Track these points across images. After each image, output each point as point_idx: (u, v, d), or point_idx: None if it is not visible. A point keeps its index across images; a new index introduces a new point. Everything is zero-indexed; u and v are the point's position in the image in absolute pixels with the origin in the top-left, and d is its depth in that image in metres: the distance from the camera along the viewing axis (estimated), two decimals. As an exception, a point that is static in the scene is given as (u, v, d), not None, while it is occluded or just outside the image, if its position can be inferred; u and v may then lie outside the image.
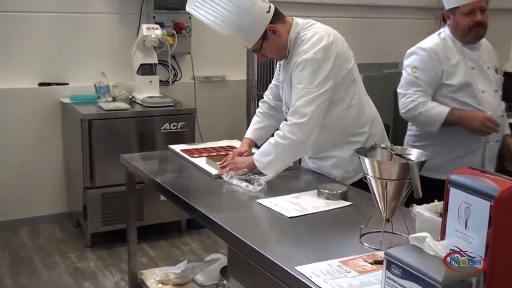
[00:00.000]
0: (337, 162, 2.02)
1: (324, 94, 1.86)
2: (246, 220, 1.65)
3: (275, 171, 1.93)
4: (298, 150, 1.90)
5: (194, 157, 2.22)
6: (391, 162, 1.40)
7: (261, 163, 1.94)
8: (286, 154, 1.90)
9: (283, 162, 1.93)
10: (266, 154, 1.93)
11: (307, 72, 1.86)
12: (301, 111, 1.85)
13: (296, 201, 1.72)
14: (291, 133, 1.86)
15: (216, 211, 1.65)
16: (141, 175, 2.14)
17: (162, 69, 3.75)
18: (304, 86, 1.86)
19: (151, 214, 3.30)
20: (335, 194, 1.75)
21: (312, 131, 1.86)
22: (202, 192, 1.90)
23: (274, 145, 1.91)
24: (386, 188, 1.36)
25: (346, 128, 2.00)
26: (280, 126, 1.93)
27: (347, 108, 1.97)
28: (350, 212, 1.68)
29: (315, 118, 1.86)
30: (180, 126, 3.29)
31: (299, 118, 1.85)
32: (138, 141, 3.21)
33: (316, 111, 1.86)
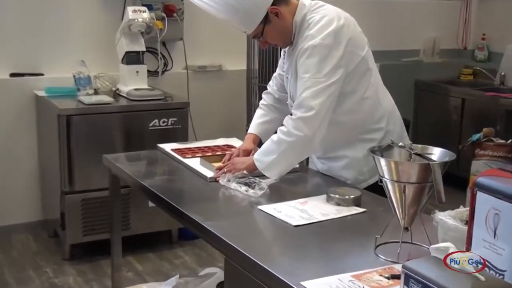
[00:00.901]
0: (349, 162, 2.03)
1: (333, 84, 1.86)
2: (246, 229, 1.65)
3: (278, 172, 1.93)
4: (305, 148, 1.90)
5: (186, 157, 2.23)
6: (410, 162, 1.41)
7: (262, 163, 1.94)
8: (290, 153, 1.90)
9: (288, 162, 1.93)
10: (268, 153, 1.93)
11: (314, 60, 1.86)
12: (308, 103, 1.85)
13: (303, 207, 1.73)
14: (296, 128, 1.86)
15: (212, 219, 1.65)
16: (126, 178, 2.14)
17: (151, 57, 3.75)
18: (311, 76, 1.86)
19: (138, 223, 3.31)
20: (346, 200, 1.75)
21: (320, 127, 1.86)
22: (195, 197, 1.91)
23: (277, 142, 1.90)
24: (404, 193, 1.36)
25: (360, 123, 2.00)
26: (284, 121, 1.92)
27: (360, 101, 1.97)
28: (363, 219, 1.68)
29: (324, 111, 1.86)
30: (171, 123, 3.30)
31: (305, 112, 1.85)
32: (123, 140, 3.22)
33: (325, 103, 1.86)
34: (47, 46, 3.55)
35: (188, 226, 1.72)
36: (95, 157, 2.78)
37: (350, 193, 1.78)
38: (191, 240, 3.50)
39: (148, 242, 3.45)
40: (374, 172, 1.89)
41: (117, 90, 3.49)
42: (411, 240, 1.43)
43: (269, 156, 1.92)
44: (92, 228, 3.22)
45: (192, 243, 3.49)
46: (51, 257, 3.30)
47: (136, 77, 3.42)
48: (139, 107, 3.27)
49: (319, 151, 2.12)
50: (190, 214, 1.67)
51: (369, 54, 1.98)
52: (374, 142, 1.95)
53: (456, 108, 4.54)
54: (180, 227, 3.43)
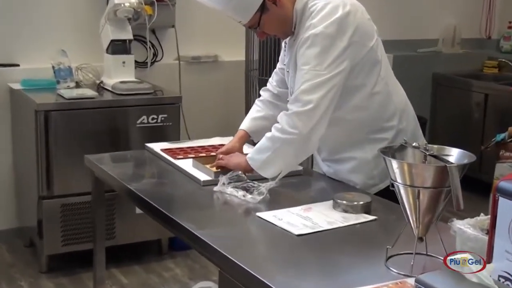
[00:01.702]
0: (357, 165, 2.03)
1: (335, 77, 1.87)
2: (243, 239, 1.65)
3: (274, 172, 1.94)
4: (301, 148, 1.91)
5: (178, 158, 2.23)
6: (425, 165, 1.41)
7: (256, 161, 1.95)
8: (286, 152, 1.91)
9: (284, 161, 1.93)
10: (262, 150, 1.94)
11: (315, 50, 1.86)
12: (304, 98, 1.86)
13: (306, 214, 1.73)
14: (290, 125, 1.87)
15: (206, 227, 1.65)
16: (111, 182, 2.14)
17: (139, 46, 3.76)
18: (311, 68, 1.86)
19: (123, 231, 3.31)
20: (355, 206, 1.75)
21: (317, 124, 1.87)
22: (188, 203, 1.91)
23: (271, 139, 1.91)
24: (418, 199, 1.37)
25: (369, 122, 2.00)
26: (278, 117, 1.93)
27: (369, 97, 1.98)
28: (373, 228, 1.68)
29: (323, 107, 1.86)
30: (161, 119, 3.30)
31: (301, 106, 1.86)
32: (107, 139, 3.22)
33: (325, 98, 1.86)
34: (23, 34, 3.55)
35: (179, 235, 1.72)
36: (77, 158, 2.78)
37: (358, 199, 1.78)
38: (183, 250, 3.50)
39: (134, 253, 3.45)
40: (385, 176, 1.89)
41: (101, 83, 3.49)
42: (426, 251, 1.44)
43: (263, 154, 1.93)
44: (73, 237, 3.23)
45: (184, 254, 3.49)
46: (26, 269, 3.30)
47: (123, 68, 3.43)
48: (126, 102, 3.27)
49: (323, 152, 2.13)
50: (182, 222, 1.67)
51: (379, 45, 1.99)
52: (384, 142, 1.95)
53: (478, 104, 4.54)
54: (171, 236, 3.43)
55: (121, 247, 3.33)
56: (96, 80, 3.54)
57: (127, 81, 3.38)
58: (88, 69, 3.56)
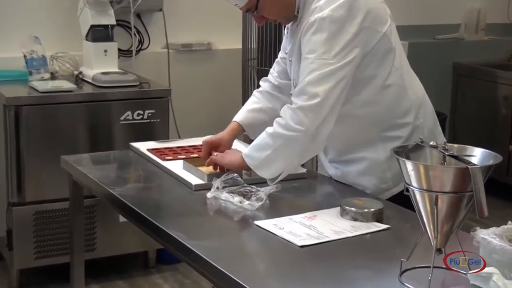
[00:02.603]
0: (368, 167, 2.03)
1: (345, 67, 1.87)
2: (239, 251, 1.65)
3: (274, 173, 1.93)
4: (305, 146, 1.90)
5: (167, 159, 2.23)
6: (444, 167, 1.41)
7: (253, 159, 1.94)
8: (289, 151, 1.90)
9: (286, 161, 1.93)
10: (261, 148, 1.94)
11: (322, 36, 1.86)
12: (311, 90, 1.85)
13: (310, 223, 1.73)
14: (295, 121, 1.87)
15: (198, 237, 1.65)
16: (91, 186, 2.13)
17: (122, 33, 3.76)
18: (318, 56, 1.86)
19: (105, 243, 3.31)
20: (365, 214, 1.75)
21: (326, 120, 1.87)
22: (178, 210, 1.91)
23: (272, 136, 1.91)
24: (436, 205, 1.37)
25: (380, 118, 2.00)
26: (282, 111, 1.93)
27: (381, 90, 1.98)
28: (386, 238, 1.68)
29: (332, 100, 1.86)
30: (147, 116, 3.30)
31: (308, 100, 1.86)
32: (87, 137, 3.22)
33: (333, 91, 1.86)
34: (-9, 19, 3.54)
35: (168, 246, 1.72)
36: (52, 159, 2.78)
37: (369, 206, 1.78)
38: (172, 264, 3.50)
39: (118, 266, 3.44)
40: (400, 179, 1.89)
41: (80, 74, 3.48)
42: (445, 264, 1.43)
43: (262, 152, 1.93)
44: (47, 249, 3.22)
45: (173, 267, 3.49)
46: (-5, 284, 3.30)
47: (104, 57, 3.42)
48: (108, 95, 3.27)
49: (330, 152, 2.12)
50: (171, 232, 1.67)
51: (393, 31, 1.99)
52: (398, 141, 1.95)
53: (506, 98, 4.54)
54: (159, 248, 3.43)
55: (103, 260, 3.32)
56: (74, 70, 3.53)
57: (109, 72, 3.38)
58: (65, 58, 3.56)
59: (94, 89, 3.31)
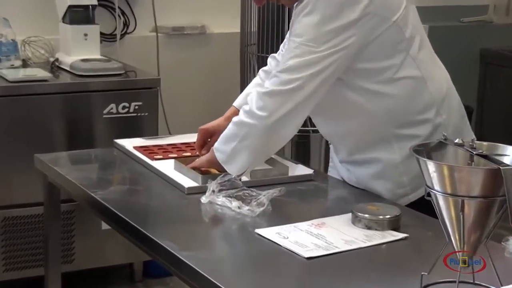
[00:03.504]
0: (382, 169, 2.03)
1: (333, 55, 1.86)
2: (238, 263, 1.65)
3: (240, 167, 1.95)
4: (269, 137, 1.92)
5: (156, 159, 2.24)
6: (471, 167, 1.40)
7: (222, 153, 1.97)
8: (254, 141, 1.92)
9: (252, 154, 1.95)
10: (228, 139, 1.97)
11: (313, 19, 1.86)
12: (286, 76, 1.87)
13: (318, 231, 1.73)
14: (259, 107, 1.89)
15: (190, 247, 1.65)
16: (69, 189, 2.14)
17: (105, 14, 3.76)
18: (304, 41, 1.87)
19: (85, 253, 3.30)
20: (380, 221, 1.75)
21: (295, 110, 1.88)
22: (168, 217, 1.91)
23: (237, 124, 1.95)
24: (463, 211, 1.36)
25: (395, 113, 2.00)
26: (249, 96, 1.96)
27: (390, 82, 1.97)
28: (404, 249, 1.68)
29: (308, 89, 1.87)
30: (134, 108, 3.30)
31: (279, 85, 1.87)
32: (64, 133, 3.22)
33: (313, 79, 1.87)
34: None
35: (157, 258, 1.72)
36: (24, 158, 2.78)
37: (385, 212, 1.78)
38: (161, 277, 3.50)
39: (99, 280, 3.45)
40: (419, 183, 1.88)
41: (56, 61, 3.48)
42: (473, 279, 1.43)
43: (229, 144, 1.96)
44: (18, 260, 3.22)
45: (162, 281, 3.49)
46: (-41, 300, 3.30)
47: (84, 42, 3.42)
48: (88, 85, 3.26)
49: (341, 151, 2.13)
50: (160, 241, 1.67)
51: (408, 17, 1.97)
52: (417, 140, 1.93)
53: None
54: (146, 260, 3.42)
55: (82, 273, 3.32)
56: (49, 57, 3.53)
57: (90, 59, 3.37)
58: (39, 43, 3.55)
59: (73, 78, 3.30)
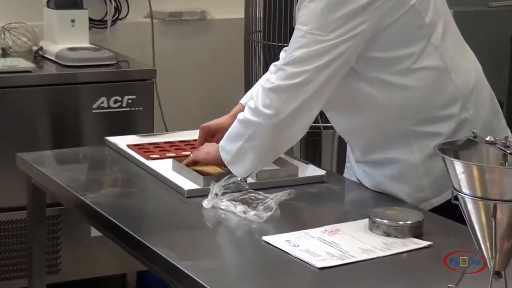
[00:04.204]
0: (400, 170, 2.02)
1: (344, 44, 1.86)
2: (243, 274, 1.65)
3: (247, 168, 1.96)
4: (278, 136, 1.93)
5: (152, 158, 2.24)
6: (505, 168, 1.40)
7: (227, 153, 1.98)
8: (260, 141, 1.93)
9: (259, 155, 1.96)
10: (234, 138, 1.98)
11: (319, 4, 1.86)
12: (293, 69, 1.88)
13: (332, 239, 1.73)
14: (265, 104, 1.90)
15: (190, 257, 1.65)
16: (55, 192, 2.14)
17: (95, -2, 3.76)
18: (310, 30, 1.87)
19: (73, 263, 3.29)
20: (401, 228, 1.75)
21: (304, 107, 1.88)
22: (166, 222, 1.91)
23: (243, 123, 1.96)
24: (495, 217, 1.36)
25: (414, 107, 1.99)
26: (254, 91, 1.97)
27: (410, 73, 1.96)
28: (428, 259, 1.68)
29: (317, 83, 1.87)
30: (127, 103, 3.30)
31: (285, 79, 1.88)
32: (50, 130, 3.22)
33: (322, 71, 1.87)
34: None
35: (153, 267, 1.72)
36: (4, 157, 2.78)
37: (406, 217, 1.77)
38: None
39: (89, 291, 3.46)
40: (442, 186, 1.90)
41: (40, 50, 3.47)
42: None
43: (234, 143, 1.97)
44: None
45: (159, 292, 3.50)
46: None
47: (71, 29, 3.42)
48: (76, 77, 3.26)
49: (356, 150, 2.13)
50: (157, 249, 1.67)
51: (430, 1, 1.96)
52: (439, 139, 1.93)
53: None
54: (140, 270, 3.41)
55: (69, 285, 3.31)
56: (32, 46, 3.52)
57: (78, 48, 3.38)
58: (21, 30, 3.54)
59: (58, 69, 3.30)
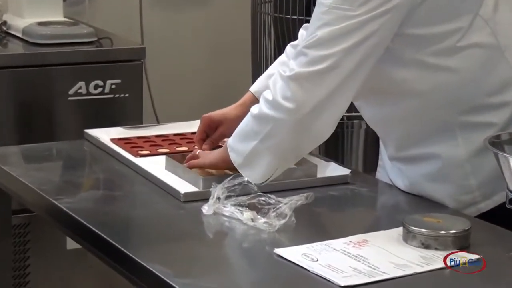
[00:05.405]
0: (442, 168, 2.03)
1: (376, 20, 1.87)
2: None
3: (264, 172, 1.96)
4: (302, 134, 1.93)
5: (140, 155, 2.26)
6: None
7: (238, 155, 1.99)
8: (280, 141, 1.94)
9: (278, 157, 1.97)
10: (247, 135, 1.99)
11: None
12: (315, 52, 1.88)
13: (358, 251, 1.73)
14: (285, 95, 1.90)
15: (189, 273, 1.66)
16: (23, 196, 2.15)
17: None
18: (335, 3, 1.87)
19: (45, 280, 3.33)
20: (442, 238, 1.74)
21: (332, 97, 1.90)
22: (158, 232, 1.91)
23: (258, 118, 1.97)
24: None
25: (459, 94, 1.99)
26: (271, 81, 1.98)
27: (453, 53, 1.97)
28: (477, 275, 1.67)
29: (347, 67, 1.88)
30: (110, 88, 3.31)
31: (308, 65, 1.89)
32: (17, 121, 3.24)
33: (352, 53, 1.88)
34: None
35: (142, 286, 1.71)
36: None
37: (448, 225, 1.77)
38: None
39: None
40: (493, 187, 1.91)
41: (4, 25, 3.49)
42: None
43: (247, 142, 1.97)
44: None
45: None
46: None
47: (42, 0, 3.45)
48: (48, 57, 3.28)
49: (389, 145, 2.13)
50: (148, 264, 1.66)
51: None
52: (491, 130, 1.95)
53: None
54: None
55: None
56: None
57: (50, 22, 3.41)
58: (-21, 2, 3.57)
59: (27, 47, 3.33)
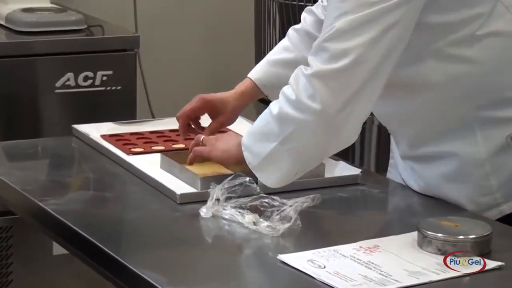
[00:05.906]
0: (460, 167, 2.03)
1: (399, 8, 1.87)
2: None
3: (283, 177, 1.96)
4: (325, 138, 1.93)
5: (133, 152, 2.27)
6: None
7: (254, 156, 1.98)
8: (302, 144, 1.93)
9: (299, 161, 1.97)
10: (265, 136, 1.98)
11: None
12: (337, 46, 1.88)
13: (369, 258, 1.73)
14: (310, 95, 1.89)
15: (186, 281, 1.67)
16: (6, 197, 2.16)
17: None
18: None
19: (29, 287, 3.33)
20: (460, 243, 1.74)
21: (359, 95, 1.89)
22: (152, 237, 1.92)
23: (279, 119, 1.95)
24: None
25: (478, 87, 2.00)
26: (292, 78, 1.97)
27: (472, 42, 1.97)
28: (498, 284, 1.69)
29: (373, 61, 1.89)
30: (101, 80, 3.33)
31: (330, 61, 1.89)
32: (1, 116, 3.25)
33: (376, 45, 1.88)
34: None
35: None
36: None
37: (467, 230, 1.77)
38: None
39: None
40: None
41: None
42: None
43: (265, 143, 1.96)
44: None
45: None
46: None
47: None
48: (34, 47, 3.31)
49: (402, 143, 2.14)
50: (140, 271, 1.66)
51: None
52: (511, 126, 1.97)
53: None
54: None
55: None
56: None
57: (36, 8, 3.43)
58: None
59: (10, 36, 3.35)
